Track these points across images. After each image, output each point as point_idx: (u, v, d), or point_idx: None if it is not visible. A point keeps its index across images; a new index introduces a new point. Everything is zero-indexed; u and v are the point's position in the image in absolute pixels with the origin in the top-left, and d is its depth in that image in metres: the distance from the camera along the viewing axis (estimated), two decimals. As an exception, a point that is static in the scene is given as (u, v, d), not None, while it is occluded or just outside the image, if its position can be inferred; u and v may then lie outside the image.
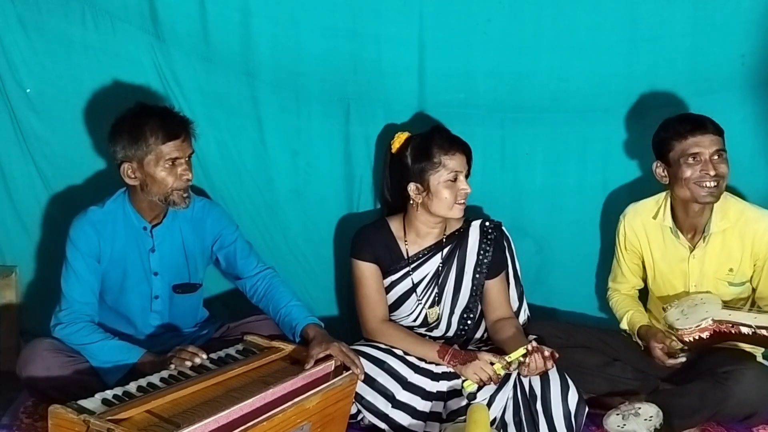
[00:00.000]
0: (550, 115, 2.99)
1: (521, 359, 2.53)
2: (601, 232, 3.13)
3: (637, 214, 2.90)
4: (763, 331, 2.52)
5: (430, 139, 2.74)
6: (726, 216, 2.75)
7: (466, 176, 2.75)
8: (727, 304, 2.69)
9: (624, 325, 2.91)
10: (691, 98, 2.93)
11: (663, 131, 2.75)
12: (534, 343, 2.57)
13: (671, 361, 2.71)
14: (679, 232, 2.81)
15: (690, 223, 2.80)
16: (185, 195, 2.62)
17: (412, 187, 2.74)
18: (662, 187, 2.84)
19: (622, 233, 2.92)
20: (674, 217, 2.82)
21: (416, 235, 2.84)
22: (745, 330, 2.55)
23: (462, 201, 2.72)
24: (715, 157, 2.66)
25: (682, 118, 2.73)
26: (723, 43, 2.86)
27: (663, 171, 2.76)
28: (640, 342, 2.84)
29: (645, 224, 2.88)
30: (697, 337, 2.60)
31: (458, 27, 2.86)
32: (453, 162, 2.70)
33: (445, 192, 2.70)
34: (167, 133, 2.55)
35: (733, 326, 2.57)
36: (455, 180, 2.71)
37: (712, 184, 2.66)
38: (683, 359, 2.70)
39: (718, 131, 2.68)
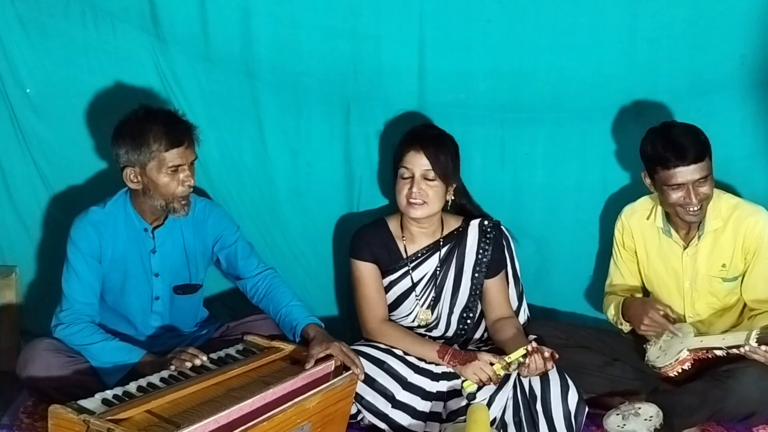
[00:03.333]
0: (550, 115, 2.99)
1: (521, 359, 2.53)
2: (601, 232, 3.13)
3: (633, 213, 2.92)
4: (734, 350, 2.57)
5: (404, 135, 2.78)
6: (719, 215, 2.77)
7: (441, 179, 2.73)
8: (699, 331, 2.76)
9: (611, 315, 2.89)
10: (690, 98, 2.93)
11: (648, 149, 2.71)
12: (534, 344, 2.57)
13: (667, 324, 2.69)
14: (672, 232, 2.83)
15: (683, 223, 2.81)
16: (184, 203, 2.61)
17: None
18: (657, 189, 2.85)
19: (620, 231, 2.94)
20: (668, 217, 2.84)
21: (411, 234, 2.84)
22: (719, 353, 2.61)
23: (415, 201, 2.71)
24: (697, 183, 2.66)
25: (665, 144, 2.65)
26: (722, 43, 2.86)
27: (650, 182, 2.77)
28: (624, 322, 2.82)
29: (641, 222, 2.90)
30: (680, 370, 2.66)
31: (458, 27, 2.86)
32: (406, 158, 2.72)
33: (398, 187, 2.74)
34: (171, 141, 2.54)
35: (707, 351, 2.63)
36: (408, 177, 2.72)
37: (695, 208, 2.68)
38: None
39: (700, 156, 2.64)
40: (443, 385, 2.64)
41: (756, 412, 2.62)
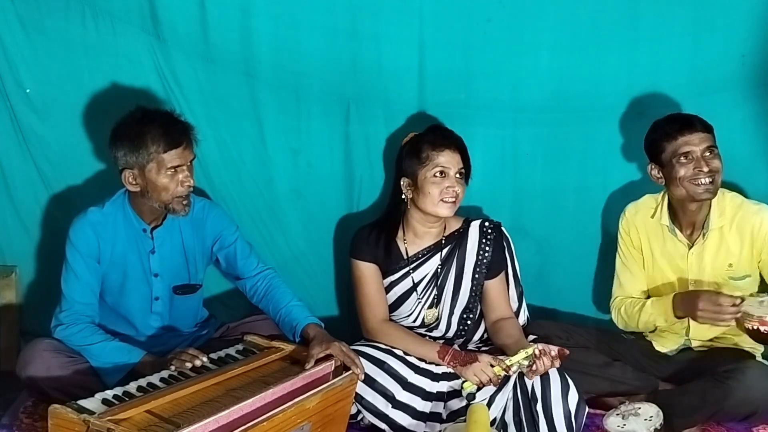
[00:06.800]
0: (550, 115, 2.99)
1: (521, 362, 2.53)
2: (602, 233, 3.13)
3: (637, 211, 2.91)
4: None
5: (423, 135, 2.77)
6: (723, 212, 2.76)
7: (464, 177, 2.75)
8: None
9: (645, 316, 2.80)
10: (691, 98, 2.92)
11: (653, 133, 2.77)
12: (540, 346, 2.54)
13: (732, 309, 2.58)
14: (676, 230, 2.82)
15: (688, 221, 2.81)
16: (185, 203, 2.61)
17: (403, 182, 2.76)
18: (661, 188, 2.84)
19: (625, 228, 2.92)
20: (672, 215, 2.83)
21: (414, 235, 2.84)
22: None
23: (450, 199, 2.71)
24: (707, 153, 2.68)
25: (670, 119, 2.75)
26: (723, 43, 2.86)
27: (658, 172, 2.78)
28: (673, 313, 2.72)
29: (645, 221, 2.89)
30: (765, 330, 2.52)
31: (458, 27, 2.86)
32: (441, 158, 2.70)
33: (430, 188, 2.70)
34: (169, 142, 2.53)
35: None
36: (443, 176, 2.70)
37: (707, 180, 2.67)
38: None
39: (707, 128, 2.70)
40: (443, 386, 2.64)
41: (756, 411, 2.62)
